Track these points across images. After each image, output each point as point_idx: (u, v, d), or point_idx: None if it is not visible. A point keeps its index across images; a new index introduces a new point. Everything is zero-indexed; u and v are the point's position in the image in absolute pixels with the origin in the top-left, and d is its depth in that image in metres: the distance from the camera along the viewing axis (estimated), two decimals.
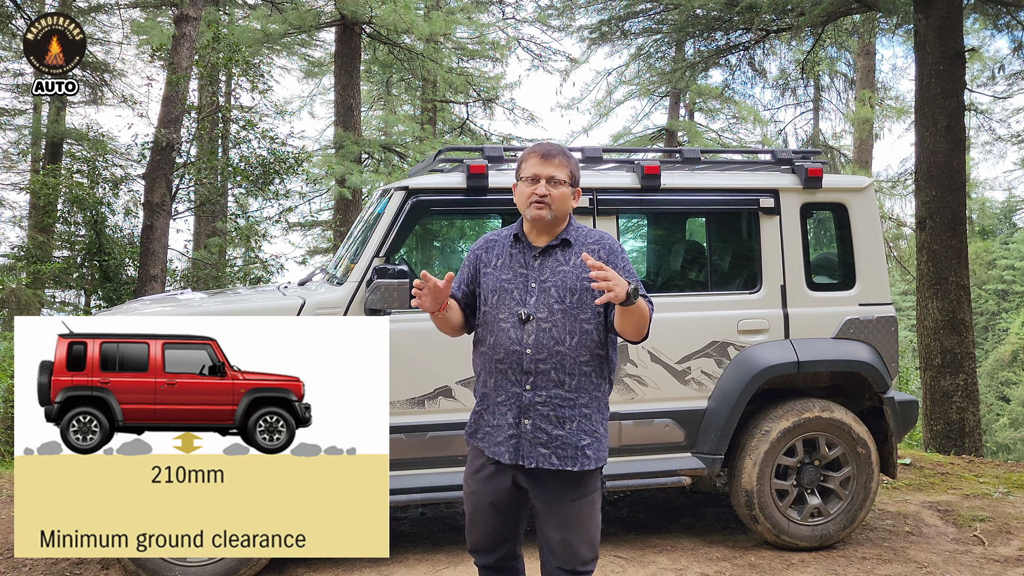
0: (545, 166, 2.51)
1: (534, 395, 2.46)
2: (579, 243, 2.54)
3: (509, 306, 2.49)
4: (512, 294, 2.50)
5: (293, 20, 12.45)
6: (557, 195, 2.49)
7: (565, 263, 2.51)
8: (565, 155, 2.54)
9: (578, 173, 2.58)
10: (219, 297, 4.53)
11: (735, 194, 4.44)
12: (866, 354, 4.42)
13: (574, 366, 2.46)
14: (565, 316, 2.46)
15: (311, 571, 4.04)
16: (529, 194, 2.50)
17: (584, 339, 2.47)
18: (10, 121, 15.15)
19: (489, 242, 2.65)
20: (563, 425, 2.46)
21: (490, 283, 2.56)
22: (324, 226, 17.93)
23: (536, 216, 2.50)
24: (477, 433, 2.60)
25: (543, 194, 2.48)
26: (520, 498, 2.58)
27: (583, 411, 2.48)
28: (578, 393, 2.47)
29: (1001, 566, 4.21)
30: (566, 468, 2.45)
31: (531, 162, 2.54)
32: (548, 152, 2.53)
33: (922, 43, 8.07)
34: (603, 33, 11.57)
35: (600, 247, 2.54)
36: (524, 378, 2.46)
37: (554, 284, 2.48)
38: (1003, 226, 31.23)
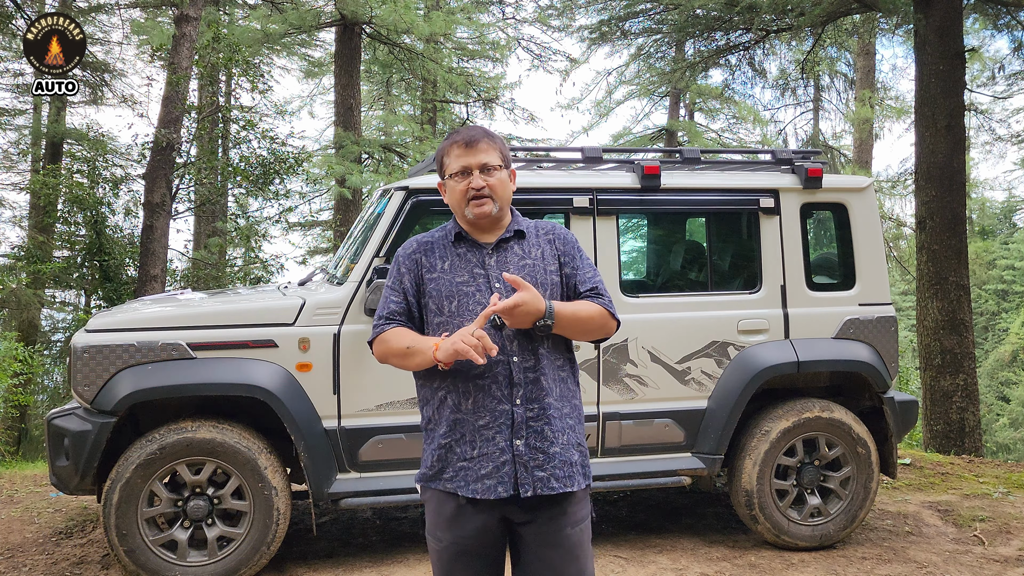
0: (472, 154, 2.15)
1: (525, 410, 2.08)
2: (533, 234, 2.23)
3: (475, 311, 2.10)
4: (475, 297, 2.13)
5: (293, 20, 12.45)
6: (496, 183, 2.15)
7: (527, 256, 2.19)
8: (489, 136, 2.20)
9: (507, 151, 2.24)
10: (219, 297, 4.54)
11: (735, 194, 4.44)
12: (866, 354, 4.42)
13: (554, 371, 2.14)
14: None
15: (311, 571, 4.04)
16: (463, 190, 2.15)
17: (557, 340, 2.16)
18: (10, 121, 15.14)
19: (424, 244, 2.23)
20: (556, 441, 2.11)
21: (443, 287, 2.15)
22: (324, 226, 17.93)
23: (480, 214, 2.15)
24: (444, 473, 2.12)
25: (480, 186, 2.14)
26: (504, 539, 2.17)
27: (568, 422, 2.15)
28: (562, 402, 2.15)
29: (1001, 566, 4.21)
30: (567, 490, 2.09)
31: (454, 154, 2.18)
32: (471, 138, 2.17)
33: (922, 43, 8.08)
34: (603, 33, 11.57)
35: (555, 237, 2.24)
36: (514, 391, 2.08)
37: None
38: (1003, 226, 31.22)
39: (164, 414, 3.97)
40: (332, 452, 3.91)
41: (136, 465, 3.65)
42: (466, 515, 2.10)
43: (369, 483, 3.93)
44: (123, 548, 3.65)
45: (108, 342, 3.74)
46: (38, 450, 11.95)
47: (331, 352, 3.91)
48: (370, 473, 3.97)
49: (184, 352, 3.78)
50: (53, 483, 3.84)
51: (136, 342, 3.75)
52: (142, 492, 3.68)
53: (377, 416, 3.97)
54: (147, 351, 3.74)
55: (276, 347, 3.86)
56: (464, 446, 2.10)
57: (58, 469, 3.76)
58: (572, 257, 2.23)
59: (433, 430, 2.16)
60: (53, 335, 14.50)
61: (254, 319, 3.90)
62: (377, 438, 3.95)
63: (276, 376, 3.81)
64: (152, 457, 3.67)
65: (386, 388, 3.97)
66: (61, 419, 3.81)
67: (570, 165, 4.56)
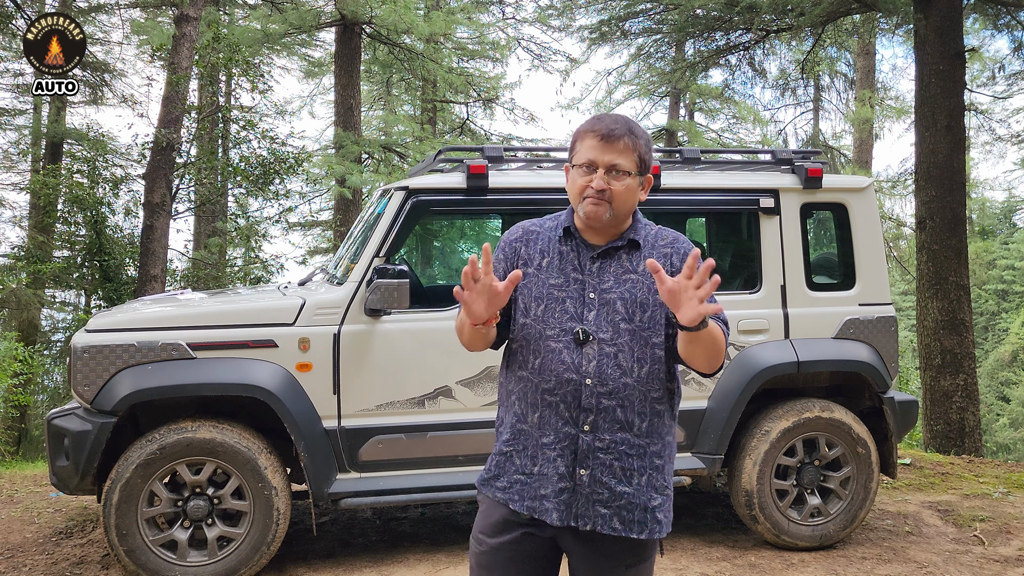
0: (606, 151, 1.91)
1: (594, 439, 1.89)
2: (649, 245, 1.99)
3: (561, 321, 1.92)
4: (564, 305, 1.93)
5: (293, 20, 12.45)
6: (619, 190, 1.91)
7: (633, 270, 1.95)
8: (633, 134, 1.93)
9: (649, 156, 1.98)
10: (219, 297, 4.54)
11: (735, 194, 4.44)
12: (866, 354, 4.42)
13: (644, 404, 1.91)
14: (634, 339, 1.91)
15: (311, 571, 4.04)
16: (583, 186, 1.92)
17: (656, 369, 1.92)
18: (10, 121, 15.15)
19: (529, 233, 2.04)
20: (630, 480, 1.90)
21: (534, 288, 1.96)
22: (324, 226, 17.94)
23: (591, 214, 1.92)
24: (498, 480, 1.98)
25: (601, 188, 1.90)
26: (555, 564, 2.02)
27: (654, 462, 1.93)
28: (650, 439, 1.92)
29: (1001, 566, 4.21)
30: (631, 535, 1.90)
31: (588, 143, 1.93)
32: (610, 132, 1.91)
33: (922, 43, 8.08)
34: (603, 33, 11.57)
35: (674, 252, 1.98)
36: (582, 416, 1.89)
37: (619, 296, 1.92)
38: (1003, 226, 31.23)
39: (164, 414, 3.97)
40: (332, 452, 3.91)
41: (136, 465, 3.65)
42: (512, 528, 1.95)
43: (369, 483, 3.93)
44: (123, 548, 3.65)
45: (108, 342, 3.74)
46: (38, 450, 11.95)
47: (331, 352, 3.91)
48: (370, 473, 3.97)
49: (184, 352, 3.77)
50: (53, 483, 3.84)
51: (136, 342, 3.75)
52: (142, 492, 3.68)
53: (377, 416, 3.97)
54: (147, 351, 3.74)
55: (276, 347, 3.86)
56: (525, 459, 1.95)
57: (58, 469, 3.76)
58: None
59: (500, 433, 2.02)
60: (53, 335, 14.50)
61: (254, 319, 3.90)
62: (377, 438, 3.95)
63: (276, 376, 3.81)
64: (152, 457, 3.67)
65: (386, 388, 3.97)
66: (61, 419, 3.81)
67: None
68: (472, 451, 4.05)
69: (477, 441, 4.04)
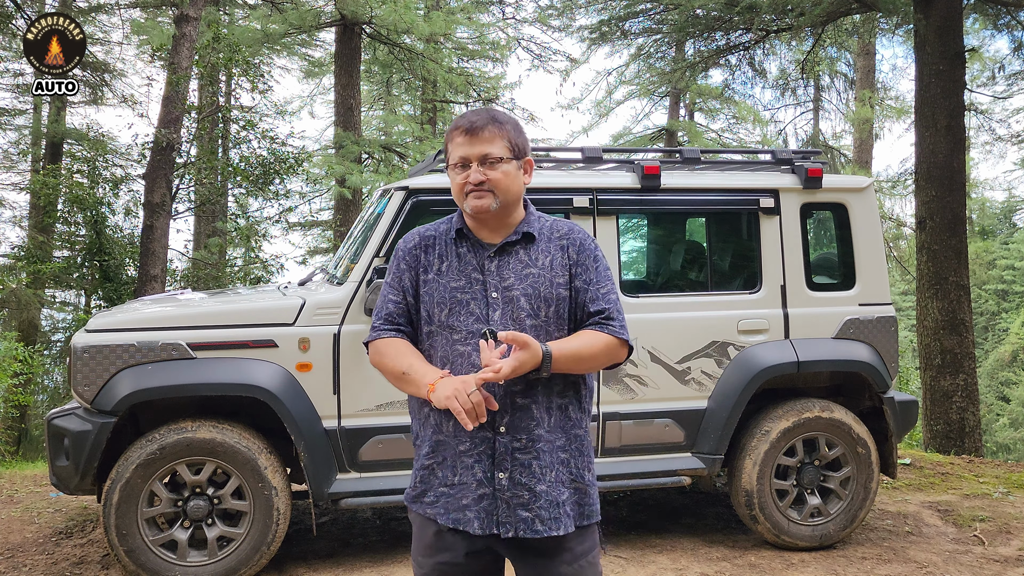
0: (474, 143, 1.92)
1: (512, 439, 1.88)
2: (544, 237, 2.00)
3: (467, 323, 1.91)
4: (468, 307, 1.91)
5: (293, 20, 12.45)
6: (498, 177, 1.92)
7: (532, 264, 1.95)
8: (497, 122, 1.95)
9: (520, 139, 1.98)
10: (219, 297, 4.54)
11: (735, 194, 4.44)
12: (866, 354, 4.42)
13: (550, 398, 1.92)
14: (539, 334, 1.90)
15: (311, 571, 4.04)
16: (462, 183, 1.93)
17: None
18: (10, 121, 15.15)
19: (425, 239, 2.02)
20: (544, 477, 1.89)
21: (435, 293, 1.95)
22: (324, 226, 17.94)
23: (477, 207, 1.92)
24: (425, 496, 1.95)
25: (479, 180, 1.91)
26: (494, 568, 2.00)
27: (560, 456, 1.92)
28: (555, 434, 1.92)
29: (1001, 566, 4.21)
30: (553, 534, 1.88)
31: (456, 142, 1.95)
32: (472, 125, 1.93)
33: (922, 43, 8.08)
34: (603, 33, 11.57)
35: (570, 243, 1.99)
36: (498, 417, 1.87)
37: (523, 292, 1.92)
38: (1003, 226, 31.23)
39: (164, 414, 3.97)
40: (332, 452, 3.91)
41: (136, 465, 3.65)
42: (447, 542, 1.92)
43: (369, 483, 3.93)
44: (123, 548, 3.65)
45: (108, 342, 3.74)
46: (38, 450, 11.95)
47: (331, 352, 3.91)
48: (370, 473, 3.97)
49: (184, 352, 3.77)
50: (53, 483, 3.84)
51: (136, 342, 3.75)
52: (142, 492, 3.68)
53: (377, 416, 3.97)
54: (147, 351, 3.74)
55: (276, 347, 3.86)
56: (446, 471, 1.92)
57: (58, 469, 3.76)
58: (586, 268, 1.97)
59: (419, 447, 1.99)
60: (53, 335, 14.51)
61: (254, 319, 3.90)
62: (377, 438, 3.95)
63: (276, 376, 3.81)
64: (152, 457, 3.67)
65: (386, 388, 3.96)
66: (61, 419, 3.81)
67: (570, 165, 4.56)
68: None
69: None
